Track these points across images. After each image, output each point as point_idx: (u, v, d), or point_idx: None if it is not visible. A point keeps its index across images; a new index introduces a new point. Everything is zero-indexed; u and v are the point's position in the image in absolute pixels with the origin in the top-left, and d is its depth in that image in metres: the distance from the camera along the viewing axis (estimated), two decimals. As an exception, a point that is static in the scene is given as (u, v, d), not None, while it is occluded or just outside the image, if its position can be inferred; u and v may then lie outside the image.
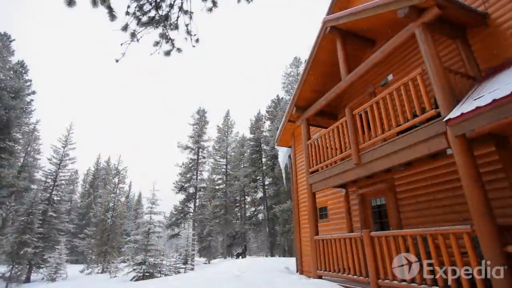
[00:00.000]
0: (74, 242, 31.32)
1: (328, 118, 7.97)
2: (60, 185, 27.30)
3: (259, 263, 13.00)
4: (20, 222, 21.15)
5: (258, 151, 36.04)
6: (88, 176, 47.57)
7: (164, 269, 18.34)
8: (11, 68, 24.03)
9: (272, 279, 7.11)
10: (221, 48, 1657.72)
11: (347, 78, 5.81)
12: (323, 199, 8.36)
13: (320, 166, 6.43)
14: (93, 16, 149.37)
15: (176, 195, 31.88)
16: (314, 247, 6.21)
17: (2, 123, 22.23)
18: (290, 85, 33.84)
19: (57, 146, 27.61)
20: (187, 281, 8.27)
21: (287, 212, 25.13)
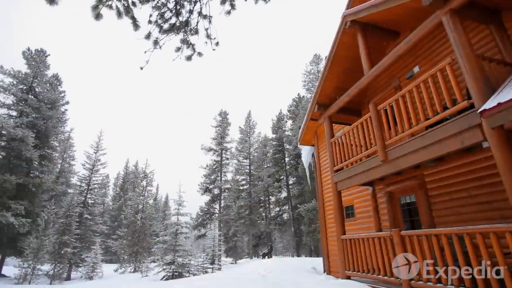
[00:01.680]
0: (107, 242, 32.96)
1: (352, 115, 7.77)
2: (93, 189, 28.84)
3: (285, 263, 12.95)
4: (60, 224, 22.64)
5: (281, 150, 35.89)
6: (118, 179, 49.91)
7: (192, 269, 18.78)
8: (47, 81, 25.79)
9: (299, 279, 7.05)
10: (240, 49, 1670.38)
11: (370, 73, 5.63)
12: (349, 197, 8.16)
13: (345, 164, 6.28)
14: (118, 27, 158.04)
15: (201, 197, 32.57)
16: (341, 247, 6.08)
17: (41, 132, 23.91)
18: (310, 83, 33.40)
19: (90, 152, 29.19)
20: (214, 281, 8.41)
21: (312, 211, 24.79)
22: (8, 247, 20.78)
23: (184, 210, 20.33)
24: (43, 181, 22.80)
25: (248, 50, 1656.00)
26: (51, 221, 21.65)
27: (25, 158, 21.39)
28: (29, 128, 22.29)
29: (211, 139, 35.02)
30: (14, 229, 19.67)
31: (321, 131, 9.40)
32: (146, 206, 31.30)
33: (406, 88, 4.59)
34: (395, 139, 4.81)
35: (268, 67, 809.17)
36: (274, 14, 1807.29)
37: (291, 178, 34.80)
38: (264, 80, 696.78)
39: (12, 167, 20.81)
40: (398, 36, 6.57)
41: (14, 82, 23.05)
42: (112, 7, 3.36)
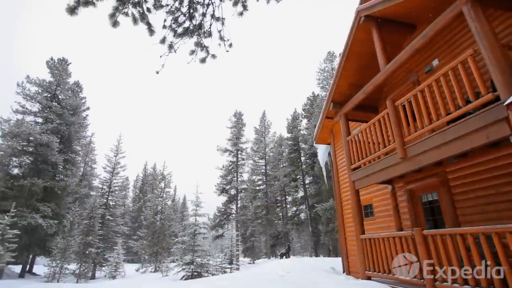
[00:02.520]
0: (129, 243, 33.94)
1: (368, 112, 7.61)
2: (114, 191, 29.79)
3: (303, 263, 12.83)
4: (84, 225, 23.56)
5: (297, 150, 35.65)
6: (138, 182, 51.26)
7: (211, 269, 19.00)
8: (69, 88, 26.90)
9: (318, 279, 6.97)
10: (253, 49, 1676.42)
11: (386, 68, 5.48)
12: (368, 196, 7.99)
13: (363, 162, 6.15)
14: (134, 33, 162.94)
15: (218, 197, 32.89)
16: (360, 247, 5.96)
17: (65, 137, 24.97)
18: (325, 81, 32.96)
19: (110, 155, 30.18)
20: (233, 281, 8.46)
21: (329, 210, 24.45)
22: (38, 247, 21.85)
23: (202, 211, 20.60)
24: (68, 184, 23.78)
25: (261, 50, 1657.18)
26: (76, 222, 22.56)
27: (50, 162, 22.39)
28: (54, 133, 23.32)
29: (227, 140, 35.31)
30: (42, 230, 20.65)
31: (337, 129, 9.26)
32: (165, 207, 31.99)
33: (425, 82, 4.44)
34: (414, 136, 4.66)
35: (282, 66, 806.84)
36: (286, 13, 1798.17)
37: (308, 177, 34.49)
38: (278, 79, 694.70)
39: (39, 171, 21.85)
40: (414, 29, 6.37)
41: (39, 91, 24.20)
42: (128, 14, 3.46)
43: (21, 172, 21.73)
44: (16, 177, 21.06)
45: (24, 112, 23.30)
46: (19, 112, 23.10)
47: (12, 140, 21.23)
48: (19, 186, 20.28)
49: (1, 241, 15.49)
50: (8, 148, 21.03)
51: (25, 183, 20.20)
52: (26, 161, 22.36)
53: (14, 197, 19.93)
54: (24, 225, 18.95)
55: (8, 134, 21.28)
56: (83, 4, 3.14)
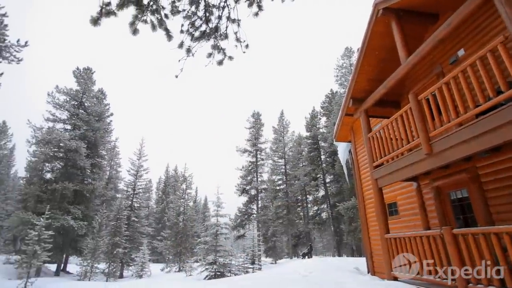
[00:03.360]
0: (153, 243, 34.94)
1: (390, 107, 7.37)
2: (138, 193, 30.80)
3: (326, 263, 12.63)
4: (111, 226, 24.56)
5: (316, 148, 35.20)
6: (160, 184, 52.72)
7: (233, 269, 19.18)
8: (94, 95, 28.17)
9: (341, 279, 6.85)
10: (269, 49, 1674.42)
11: (407, 61, 5.29)
12: (392, 194, 7.74)
13: (385, 159, 5.97)
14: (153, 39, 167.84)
15: (239, 198, 33.11)
16: (385, 246, 5.79)
17: (91, 143, 26.16)
18: (343, 78, 32.31)
19: (133, 159, 31.25)
20: (256, 281, 8.50)
21: (352, 209, 23.92)
22: (71, 247, 23.08)
23: (223, 211, 20.84)
24: (95, 187, 24.89)
25: (277, 49, 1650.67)
26: (104, 223, 23.55)
27: (79, 167, 23.54)
28: (81, 139, 24.48)
29: (246, 141, 35.47)
30: (74, 231, 21.76)
31: (357, 126, 9.05)
32: (187, 208, 32.67)
33: (450, 74, 4.24)
34: (440, 130, 4.46)
35: (299, 64, 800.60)
36: (302, 10, 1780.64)
37: (328, 176, 33.95)
38: (295, 78, 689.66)
39: (69, 175, 23.03)
40: (437, 19, 6.10)
41: (67, 99, 25.51)
42: (147, 21, 3.58)
43: (53, 177, 23.02)
44: (49, 182, 22.31)
45: (54, 120, 24.65)
46: (50, 120, 24.47)
47: (45, 147, 22.54)
48: (52, 189, 21.48)
49: (38, 241, 16.47)
50: (41, 155, 22.37)
51: (57, 187, 21.37)
52: (58, 166, 23.64)
53: (48, 200, 21.13)
54: (58, 227, 20.06)
55: (41, 141, 22.61)
56: (105, 14, 3.28)
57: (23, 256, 16.18)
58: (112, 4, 3.42)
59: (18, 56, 16.87)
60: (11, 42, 16.55)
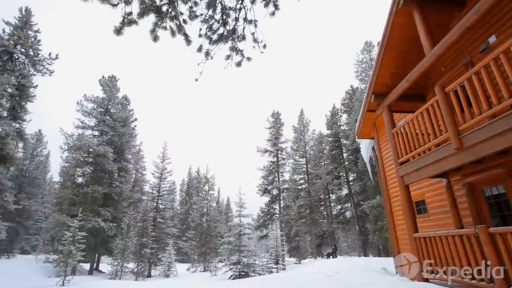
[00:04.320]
0: (179, 244, 35.83)
1: (414, 101, 7.08)
2: (163, 195, 31.70)
3: (351, 263, 12.35)
4: (138, 228, 25.48)
5: (338, 146, 34.53)
6: (184, 185, 53.99)
7: (257, 269, 19.23)
8: (119, 102, 29.39)
9: (369, 280, 6.67)
10: (287, 48, 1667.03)
11: (432, 52, 5.05)
12: (419, 191, 7.42)
13: (411, 155, 5.74)
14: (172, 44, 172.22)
15: (261, 198, 33.18)
16: (414, 246, 5.56)
17: (118, 147, 27.31)
18: (364, 73, 31.43)
19: (157, 161, 32.21)
20: (281, 281, 8.47)
21: (377, 208, 23.21)
22: (102, 247, 24.24)
23: (245, 211, 20.97)
24: (123, 190, 25.96)
25: (294, 47, 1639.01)
26: (132, 225, 24.47)
27: (107, 171, 24.65)
28: (108, 144, 25.61)
29: (266, 141, 35.48)
30: (104, 232, 22.83)
31: (380, 122, 8.77)
32: (210, 209, 33.20)
33: (480, 63, 4.00)
34: (470, 123, 4.22)
35: (316, 62, 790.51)
36: (318, 7, 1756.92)
37: (351, 174, 33.17)
38: (313, 76, 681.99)
39: (99, 179, 24.19)
40: (463, 5, 5.79)
41: (94, 107, 26.82)
42: (166, 28, 3.69)
43: (84, 181, 24.29)
44: (81, 185, 23.56)
45: (83, 127, 25.99)
46: (79, 127, 25.83)
47: (76, 153, 23.84)
48: (84, 193, 22.66)
49: (72, 242, 17.45)
50: (73, 160, 23.69)
51: (88, 191, 22.52)
52: (88, 170, 24.91)
53: (80, 203, 22.32)
54: (90, 228, 21.13)
55: (72, 147, 23.94)
56: (127, 24, 3.42)
57: (60, 255, 17.22)
58: (133, 13, 3.56)
59: (50, 68, 17.97)
60: (44, 55, 17.67)
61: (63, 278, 15.81)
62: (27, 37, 17.16)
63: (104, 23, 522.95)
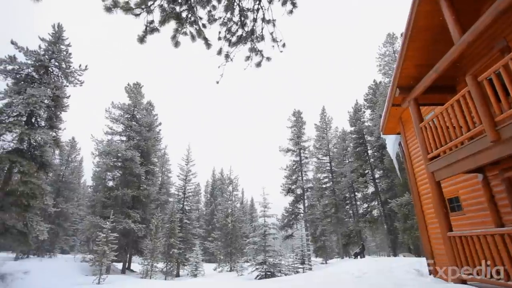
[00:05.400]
0: (205, 244, 36.56)
1: (443, 93, 6.73)
2: (188, 197, 32.48)
3: (380, 263, 11.95)
4: (166, 229, 26.31)
5: (362, 143, 33.57)
6: (208, 187, 55.00)
7: (283, 269, 19.15)
8: (144, 107, 30.54)
9: (400, 281, 6.42)
10: (305, 45, 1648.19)
11: (462, 40, 4.77)
12: (452, 188, 7.03)
13: (442, 150, 5.46)
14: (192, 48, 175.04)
15: (285, 198, 33.04)
16: (449, 246, 5.27)
17: (144, 151, 28.37)
18: (387, 66, 30.29)
19: (182, 164, 33.07)
20: (308, 281, 8.39)
21: (406, 206, 22.28)
22: (133, 247, 25.32)
23: (270, 211, 20.98)
24: (150, 192, 26.93)
25: (313, 43, 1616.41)
26: (160, 226, 25.30)
27: (135, 174, 25.67)
28: (135, 149, 26.67)
29: (288, 140, 35.29)
30: (134, 233, 23.81)
31: (407, 117, 8.42)
32: (235, 210, 33.58)
33: (516, 48, 3.72)
34: (508, 114, 3.94)
35: (337, 58, 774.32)
36: (337, 2, 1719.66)
37: (377, 171, 32.11)
38: (334, 72, 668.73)
39: (127, 183, 25.26)
40: (496, -12, 5.40)
41: (121, 113, 28.05)
42: (186, 33, 3.80)
43: (114, 184, 25.47)
44: (111, 189, 24.73)
45: (112, 132, 27.26)
46: (108, 133, 27.13)
47: (106, 158, 25.07)
48: (114, 196, 23.78)
49: (106, 242, 18.37)
50: (103, 165, 24.95)
51: (118, 193, 23.60)
52: (117, 174, 26.10)
53: (111, 205, 23.45)
54: (121, 229, 22.13)
55: (102, 153, 25.20)
56: (149, 32, 3.55)
57: (95, 255, 18.20)
58: (155, 21, 3.69)
59: (80, 79, 19.05)
60: (75, 67, 18.77)
61: (99, 276, 16.68)
62: (59, 51, 18.32)
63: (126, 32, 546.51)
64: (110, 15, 3.55)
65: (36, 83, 16.80)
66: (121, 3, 3.52)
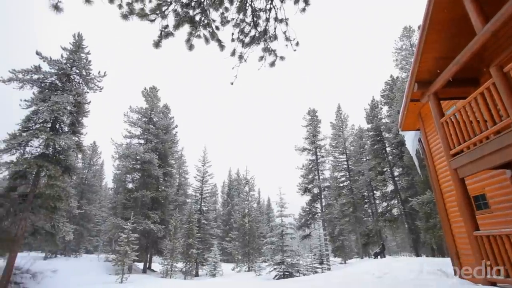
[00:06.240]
0: (223, 244, 36.89)
1: (465, 86, 6.45)
2: (205, 198, 32.89)
3: (402, 263, 11.61)
4: (184, 229, 26.76)
5: (380, 140, 32.78)
6: (224, 187, 55.46)
7: (301, 269, 19.02)
8: (160, 111, 31.23)
9: (424, 282, 6.22)
10: (319, 42, 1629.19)
11: (485, 30, 4.55)
12: (478, 185, 6.73)
13: (465, 146, 5.23)
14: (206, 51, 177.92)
15: (301, 197, 32.79)
16: (476, 246, 5.05)
17: (162, 154, 28.99)
18: (404, 61, 29.39)
19: (198, 165, 33.54)
20: (327, 281, 8.29)
21: (428, 204, 21.51)
22: (153, 248, 25.93)
23: (287, 211, 20.91)
24: (168, 193, 27.49)
25: (327, 40, 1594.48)
26: (178, 226, 25.78)
27: (154, 176, 26.29)
28: (153, 151, 27.30)
29: (303, 139, 35.01)
30: (154, 234, 24.38)
31: (426, 112, 8.14)
32: (251, 210, 33.67)
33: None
34: (537, 105, 3.73)
35: (351, 54, 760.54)
36: None
37: (396, 169, 31.25)
38: (349, 69, 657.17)
39: (146, 184, 25.91)
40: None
41: (139, 117, 28.81)
42: (200, 36, 3.85)
43: (134, 186, 26.19)
44: (131, 191, 25.45)
45: (131, 136, 28.04)
46: (127, 137, 27.93)
47: (125, 160, 25.83)
48: (134, 197, 24.45)
49: (127, 243, 18.92)
50: (123, 167, 25.72)
51: (137, 195, 24.25)
52: (136, 176, 26.81)
53: (131, 207, 24.13)
54: (141, 230, 22.73)
55: (122, 156, 25.98)
56: (164, 37, 3.63)
57: (118, 255, 18.78)
58: (169, 26, 3.77)
59: (100, 85, 19.74)
60: (94, 74, 19.46)
61: (121, 275, 17.21)
62: (80, 59, 19.06)
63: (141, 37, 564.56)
64: (126, 22, 3.66)
65: (59, 90, 17.56)
66: (136, 10, 3.63)
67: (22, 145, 15.75)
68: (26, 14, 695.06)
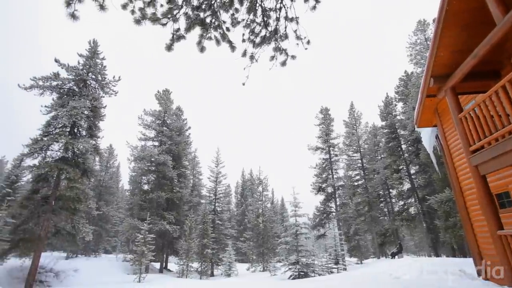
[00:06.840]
0: (237, 244, 37.04)
1: (485, 80, 6.22)
2: (219, 198, 33.14)
3: (420, 263, 11.30)
4: (199, 230, 27.07)
5: (395, 138, 32.02)
6: (238, 188, 55.68)
7: (317, 269, 18.84)
8: (173, 113, 31.73)
9: (444, 283, 6.04)
10: (330, 40, 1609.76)
11: (505, 20, 4.37)
12: (501, 182, 6.46)
13: (486, 142, 5.04)
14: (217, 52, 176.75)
15: (315, 196, 32.51)
16: (500, 246, 4.85)
17: (175, 155, 29.44)
18: (419, 55, 28.61)
19: (212, 166, 33.84)
20: (343, 282, 8.18)
21: (447, 202, 20.84)
22: (169, 248, 26.37)
23: (301, 211, 20.76)
24: (183, 194, 27.88)
25: (339, 38, 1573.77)
26: (193, 227, 26.11)
27: (168, 177, 26.74)
28: (167, 153, 27.76)
29: (316, 138, 34.71)
30: (170, 234, 24.78)
31: (443, 108, 7.90)
32: (265, 210, 33.66)
33: None
34: None
35: (363, 51, 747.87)
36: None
37: (413, 166, 30.43)
38: (361, 66, 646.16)
39: (161, 186, 26.38)
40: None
41: (153, 119, 29.37)
42: (211, 37, 3.89)
43: (149, 187, 26.72)
44: (147, 192, 25.97)
45: (145, 138, 28.64)
46: (142, 139, 28.54)
47: (140, 162, 26.39)
48: (150, 199, 24.94)
49: (144, 243, 19.33)
50: (138, 169, 26.28)
51: (153, 196, 24.72)
52: (151, 178, 27.34)
53: (147, 208, 24.62)
54: (157, 230, 23.15)
55: (137, 158, 26.56)
56: (176, 40, 3.69)
57: (135, 255, 19.21)
58: (181, 29, 3.83)
59: (114, 89, 20.26)
60: (109, 79, 20.00)
61: (139, 275, 17.60)
62: (95, 65, 19.64)
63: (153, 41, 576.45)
64: (139, 27, 3.74)
65: (77, 95, 18.15)
66: (149, 15, 3.71)
67: (43, 149, 16.39)
68: (40, 21, 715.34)
